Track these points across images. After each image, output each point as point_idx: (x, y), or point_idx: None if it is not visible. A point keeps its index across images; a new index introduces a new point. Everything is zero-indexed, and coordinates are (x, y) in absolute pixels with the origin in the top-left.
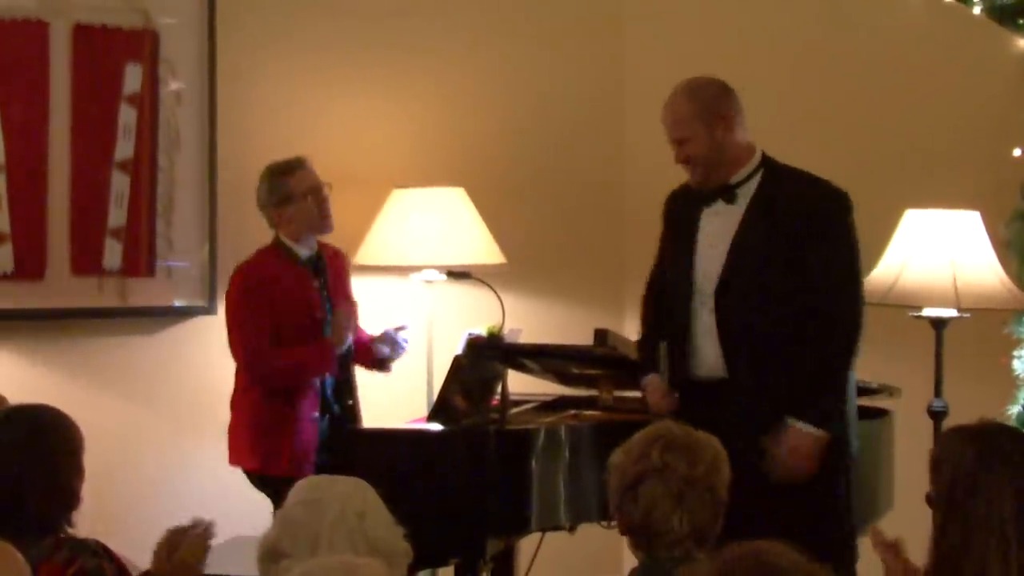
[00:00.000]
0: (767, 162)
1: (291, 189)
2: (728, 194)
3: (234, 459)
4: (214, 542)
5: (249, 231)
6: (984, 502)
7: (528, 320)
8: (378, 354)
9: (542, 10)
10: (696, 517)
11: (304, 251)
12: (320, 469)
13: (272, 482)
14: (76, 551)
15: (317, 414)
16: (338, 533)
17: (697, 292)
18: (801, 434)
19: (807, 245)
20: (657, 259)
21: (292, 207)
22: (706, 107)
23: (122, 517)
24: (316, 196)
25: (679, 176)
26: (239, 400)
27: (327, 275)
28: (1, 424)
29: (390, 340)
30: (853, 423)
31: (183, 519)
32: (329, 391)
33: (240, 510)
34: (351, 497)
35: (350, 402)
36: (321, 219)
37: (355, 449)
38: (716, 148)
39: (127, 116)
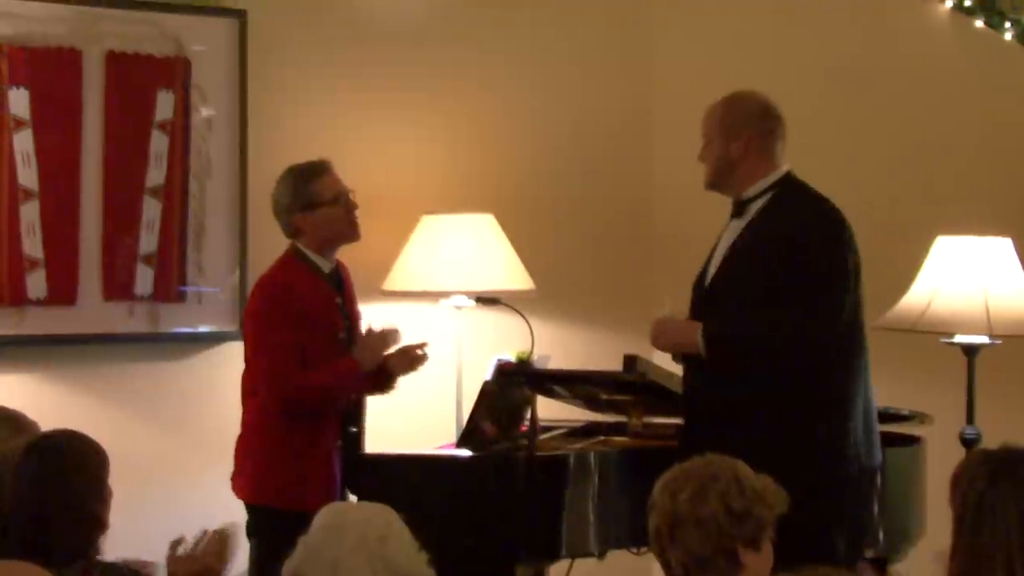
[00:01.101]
0: (786, 182)
1: (319, 193)
2: (740, 209)
3: (241, 491)
4: (239, 567)
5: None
6: (990, 524)
7: (557, 346)
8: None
9: (572, 37)
10: (692, 549)
11: (326, 265)
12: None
13: (281, 519)
14: (108, 574)
15: (340, 442)
16: (358, 558)
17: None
18: (688, 323)
19: (791, 262)
20: None
21: (320, 212)
22: (732, 121)
23: (150, 542)
24: (344, 201)
25: (707, 202)
26: (251, 425)
27: (345, 291)
28: (23, 455)
29: (409, 358)
30: (856, 439)
31: None
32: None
33: None
34: (371, 522)
35: (353, 429)
36: (349, 226)
37: (384, 475)
38: (726, 161)
39: (159, 143)
